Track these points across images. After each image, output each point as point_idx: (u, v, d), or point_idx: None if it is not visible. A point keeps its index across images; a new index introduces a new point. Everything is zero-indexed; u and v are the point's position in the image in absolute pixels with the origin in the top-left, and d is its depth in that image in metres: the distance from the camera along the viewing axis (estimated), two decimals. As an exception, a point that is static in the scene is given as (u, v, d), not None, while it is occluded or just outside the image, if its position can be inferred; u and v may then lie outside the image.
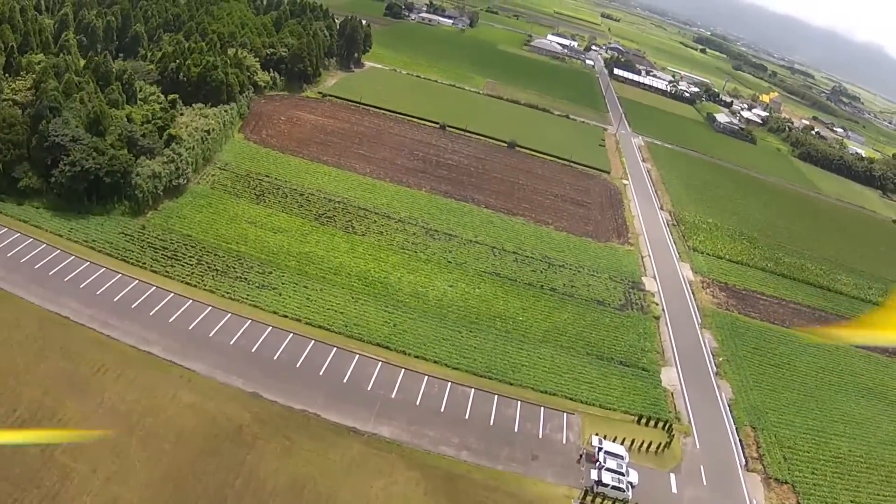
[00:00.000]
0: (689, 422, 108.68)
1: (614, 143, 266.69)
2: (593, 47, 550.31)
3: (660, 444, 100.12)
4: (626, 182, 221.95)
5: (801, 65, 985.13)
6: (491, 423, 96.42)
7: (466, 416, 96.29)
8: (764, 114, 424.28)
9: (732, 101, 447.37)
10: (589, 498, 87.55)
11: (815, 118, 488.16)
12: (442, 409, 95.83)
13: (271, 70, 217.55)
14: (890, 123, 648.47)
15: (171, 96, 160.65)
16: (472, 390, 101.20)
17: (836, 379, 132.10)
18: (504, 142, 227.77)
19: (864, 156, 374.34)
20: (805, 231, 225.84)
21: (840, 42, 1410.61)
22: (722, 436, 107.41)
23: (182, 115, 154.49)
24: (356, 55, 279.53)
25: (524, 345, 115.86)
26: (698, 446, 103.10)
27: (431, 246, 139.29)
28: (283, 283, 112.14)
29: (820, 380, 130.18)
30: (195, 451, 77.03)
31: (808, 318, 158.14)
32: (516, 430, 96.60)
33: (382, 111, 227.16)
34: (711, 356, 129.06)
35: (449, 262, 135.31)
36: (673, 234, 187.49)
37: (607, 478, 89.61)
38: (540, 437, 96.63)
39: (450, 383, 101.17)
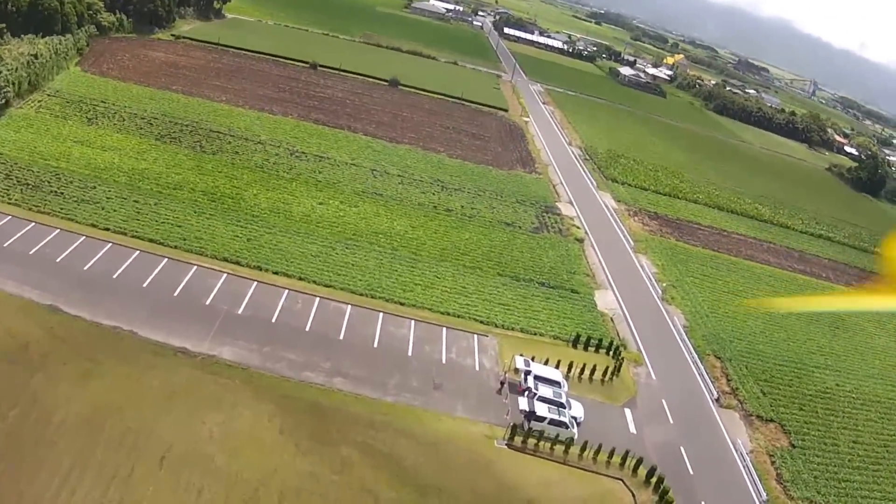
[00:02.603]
0: (639, 349, 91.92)
1: (510, 88, 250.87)
2: (480, 12, 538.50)
3: (606, 369, 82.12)
4: (526, 119, 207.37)
5: (703, 42, 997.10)
6: (375, 345, 77.21)
7: (341, 337, 77.34)
8: (670, 72, 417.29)
9: (636, 60, 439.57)
10: (519, 438, 67.65)
11: (724, 81, 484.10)
12: (307, 328, 77.38)
13: (118, 11, 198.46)
14: (802, 91, 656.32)
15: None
16: (349, 307, 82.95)
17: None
18: (384, 80, 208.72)
19: (784, 109, 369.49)
20: (735, 171, 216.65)
21: (744, 18, 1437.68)
22: (682, 366, 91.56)
23: (8, 44, 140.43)
24: (215, 4, 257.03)
25: (417, 263, 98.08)
26: (654, 378, 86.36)
27: (297, 166, 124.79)
28: (108, 198, 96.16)
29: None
30: (-39, 375, 59.57)
31: (756, 248, 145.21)
32: (410, 353, 77.49)
33: (244, 51, 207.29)
34: (653, 280, 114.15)
35: (319, 181, 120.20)
36: (587, 166, 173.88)
37: (542, 409, 70.25)
38: (443, 362, 77.60)
39: (318, 298, 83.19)
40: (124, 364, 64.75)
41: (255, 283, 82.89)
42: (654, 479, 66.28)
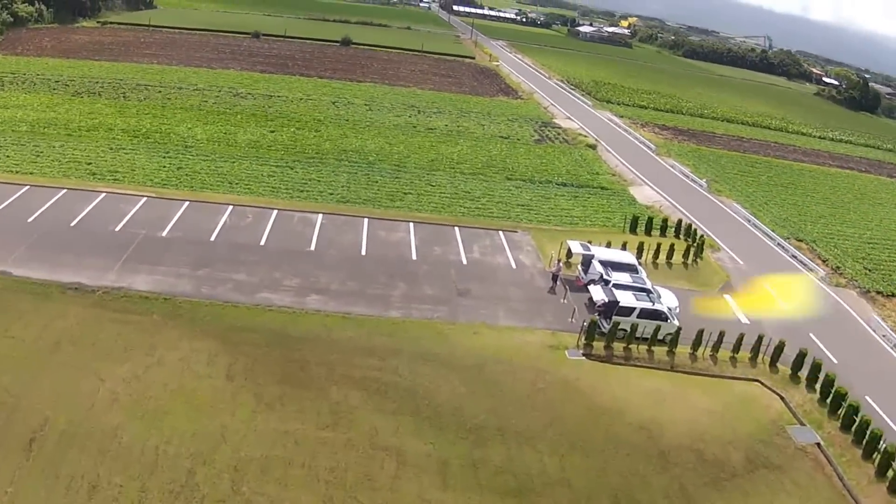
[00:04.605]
0: (709, 235, 69.04)
1: (472, 44, 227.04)
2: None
3: (687, 250, 59.59)
4: (497, 64, 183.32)
5: (648, 16, 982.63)
6: (362, 253, 53.79)
7: (311, 248, 54.28)
8: (629, 30, 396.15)
9: (592, 23, 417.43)
10: (600, 343, 44.22)
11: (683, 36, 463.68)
12: (262, 243, 54.61)
13: (37, 2, 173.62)
14: (758, 45, 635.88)
15: None
16: (320, 215, 60.68)
17: (860, 196, 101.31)
18: (335, 41, 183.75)
19: (754, 48, 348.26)
20: (727, 95, 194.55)
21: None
22: (765, 249, 71.23)
23: None
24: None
25: (402, 173, 75.60)
26: (741, 262, 64.50)
27: (241, 104, 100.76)
28: (1, 146, 73.52)
29: (842, 197, 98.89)
30: None
31: (782, 150, 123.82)
32: (414, 257, 54.22)
33: (177, 29, 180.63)
34: (691, 176, 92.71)
35: (269, 114, 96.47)
36: (575, 92, 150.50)
37: (627, 298, 45.95)
38: (464, 262, 54.31)
39: (276, 210, 60.86)
40: (-13, 315, 40.80)
41: (187, 202, 59.63)
42: (801, 374, 42.97)
